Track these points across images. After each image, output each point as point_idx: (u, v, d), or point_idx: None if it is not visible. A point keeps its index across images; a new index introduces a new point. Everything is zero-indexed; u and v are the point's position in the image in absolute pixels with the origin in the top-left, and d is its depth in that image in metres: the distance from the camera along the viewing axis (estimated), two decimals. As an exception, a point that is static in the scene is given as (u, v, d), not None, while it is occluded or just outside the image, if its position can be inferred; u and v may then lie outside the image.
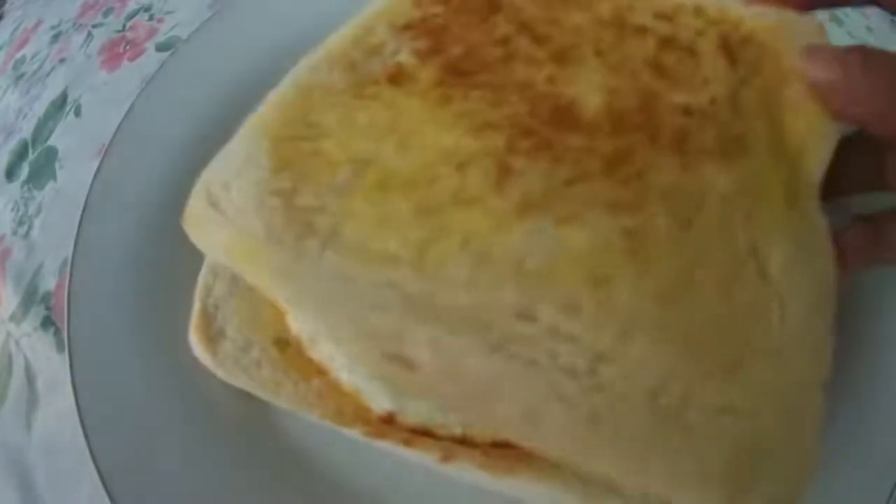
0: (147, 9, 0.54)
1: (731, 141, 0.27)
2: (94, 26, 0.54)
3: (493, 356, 0.23)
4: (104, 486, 0.28)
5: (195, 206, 0.28)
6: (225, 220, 0.27)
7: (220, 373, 0.29)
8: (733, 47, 0.30)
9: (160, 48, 0.49)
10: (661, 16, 0.31)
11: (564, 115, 0.27)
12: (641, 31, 0.31)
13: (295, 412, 0.29)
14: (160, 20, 0.52)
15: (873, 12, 0.52)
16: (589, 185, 0.25)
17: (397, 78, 0.29)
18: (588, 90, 0.28)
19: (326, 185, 0.26)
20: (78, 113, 0.47)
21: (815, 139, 0.28)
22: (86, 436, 0.29)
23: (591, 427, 0.22)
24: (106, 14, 0.55)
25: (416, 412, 0.27)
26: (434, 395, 0.24)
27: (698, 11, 0.31)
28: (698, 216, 0.25)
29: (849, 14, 0.51)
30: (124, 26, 0.53)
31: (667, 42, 0.30)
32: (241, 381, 0.29)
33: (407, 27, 0.32)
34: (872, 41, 0.50)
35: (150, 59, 0.48)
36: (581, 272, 0.24)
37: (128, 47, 0.51)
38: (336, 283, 0.25)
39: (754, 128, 0.28)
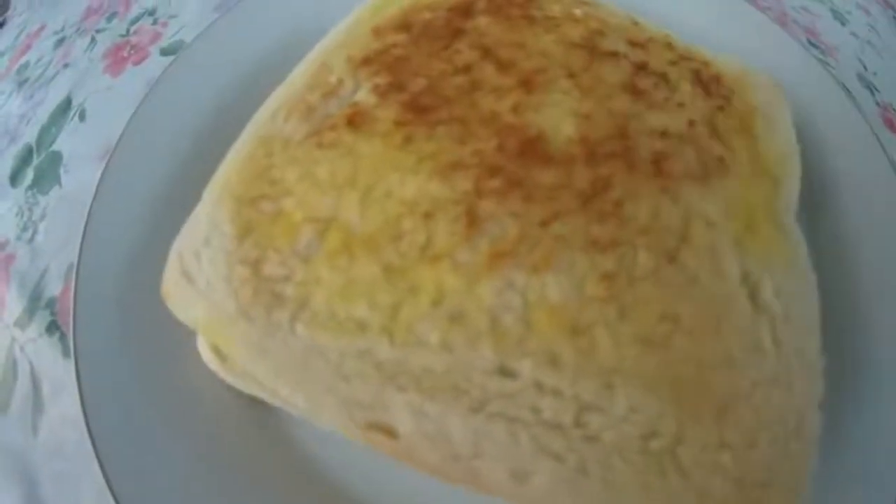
0: (151, 13, 0.50)
1: (712, 161, 0.25)
2: (97, 31, 0.51)
3: (474, 417, 0.21)
4: (111, 491, 0.26)
5: (170, 277, 0.27)
6: (198, 293, 0.25)
7: (228, 379, 0.28)
8: (706, 81, 0.28)
9: (165, 52, 0.47)
10: (635, 43, 0.29)
11: (534, 149, 0.25)
12: (614, 55, 0.28)
13: (303, 419, 0.27)
14: (164, 24, 0.49)
15: (877, 10, 0.49)
16: (564, 223, 0.23)
17: (356, 120, 0.27)
18: (558, 118, 0.26)
19: (290, 251, 0.24)
20: (83, 117, 0.44)
21: (789, 163, 0.27)
22: (92, 441, 0.27)
23: (581, 479, 0.21)
24: (109, 18, 0.52)
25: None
26: (416, 460, 0.22)
27: (669, 46, 0.30)
28: (683, 247, 0.23)
29: (851, 13, 0.48)
30: (128, 31, 0.50)
31: (641, 67, 0.28)
32: (249, 387, 0.27)
33: (366, 61, 0.29)
34: (875, 39, 0.47)
35: (155, 63, 0.46)
36: (559, 323, 0.22)
37: (132, 52, 0.48)
38: (310, 356, 0.23)
39: (734, 147, 0.26)
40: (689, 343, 0.21)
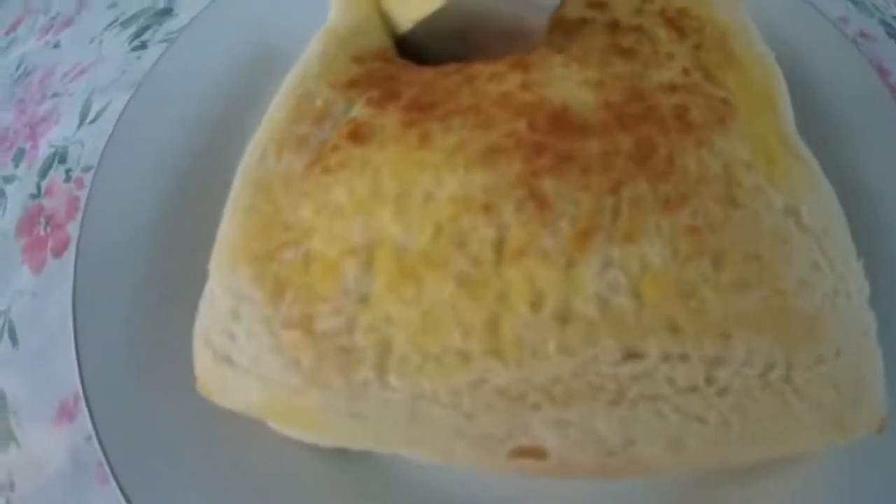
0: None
1: (720, 105, 0.25)
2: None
3: (617, 409, 0.21)
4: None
5: (204, 366, 0.23)
6: (246, 375, 0.22)
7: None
8: (675, 20, 0.28)
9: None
10: (595, 4, 0.29)
11: (567, 120, 0.24)
12: (583, 22, 0.28)
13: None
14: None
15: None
16: (632, 188, 0.22)
17: (360, 133, 0.24)
18: (572, 89, 0.25)
19: (339, 294, 0.22)
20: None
21: (775, 82, 0.28)
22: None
23: (725, 431, 0.22)
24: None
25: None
26: (572, 471, 0.22)
27: None
28: (738, 191, 0.23)
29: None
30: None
31: (614, 26, 0.28)
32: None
33: (352, 83, 0.26)
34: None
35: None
36: (668, 289, 0.21)
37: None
38: (418, 406, 0.21)
39: (727, 84, 0.27)
40: (772, 277, 0.22)
